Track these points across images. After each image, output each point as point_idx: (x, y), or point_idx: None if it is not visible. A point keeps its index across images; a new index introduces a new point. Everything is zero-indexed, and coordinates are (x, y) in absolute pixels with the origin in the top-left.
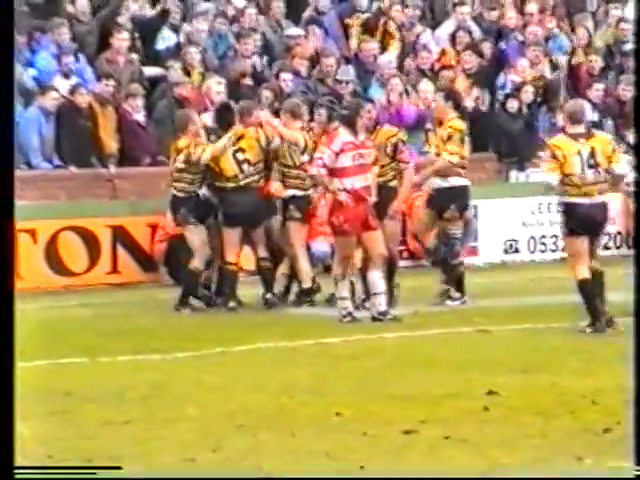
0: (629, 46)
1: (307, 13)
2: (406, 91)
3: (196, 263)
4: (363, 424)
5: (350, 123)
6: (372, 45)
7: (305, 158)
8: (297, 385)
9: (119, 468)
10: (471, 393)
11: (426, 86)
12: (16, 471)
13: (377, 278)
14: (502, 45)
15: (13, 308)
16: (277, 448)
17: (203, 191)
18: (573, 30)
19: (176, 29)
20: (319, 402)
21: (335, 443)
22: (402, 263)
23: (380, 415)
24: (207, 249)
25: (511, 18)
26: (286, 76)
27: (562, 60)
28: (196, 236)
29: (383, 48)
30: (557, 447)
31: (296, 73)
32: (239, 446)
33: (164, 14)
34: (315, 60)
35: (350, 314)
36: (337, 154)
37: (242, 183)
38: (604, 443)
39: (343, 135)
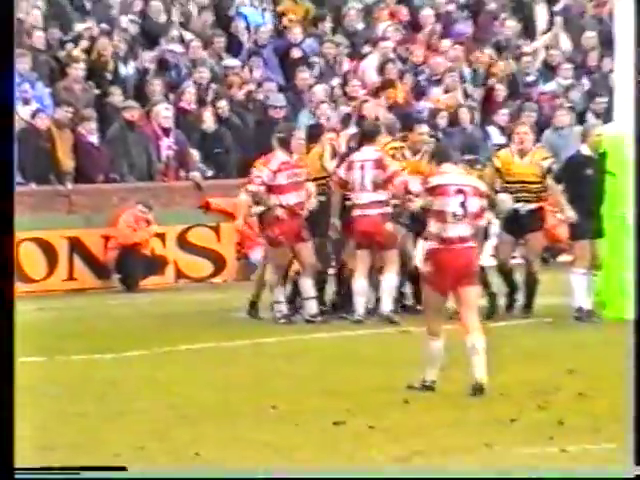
0: (531, 77)
1: (248, 46)
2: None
3: None
4: (297, 416)
5: (285, 144)
6: (305, 75)
7: None
8: (237, 381)
9: (123, 469)
10: (393, 387)
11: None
12: (16, 472)
13: (308, 285)
14: (419, 77)
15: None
16: (219, 438)
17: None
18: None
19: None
20: (257, 396)
21: (271, 433)
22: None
23: (312, 408)
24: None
25: (419, 55)
26: (221, 104)
27: (472, 89)
28: None
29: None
30: (469, 435)
31: (231, 99)
32: (184, 436)
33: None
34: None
35: (285, 316)
36: (274, 173)
37: None
38: (511, 432)
39: (279, 156)
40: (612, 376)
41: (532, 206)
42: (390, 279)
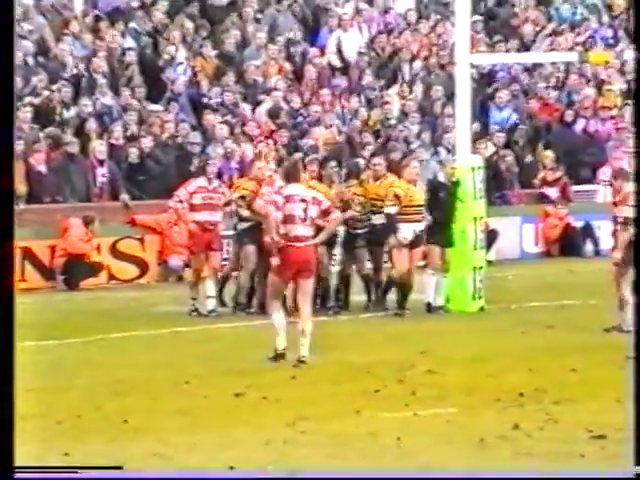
0: (392, 121)
1: (167, 94)
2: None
3: None
4: (205, 389)
5: (203, 172)
6: (211, 117)
7: None
8: (158, 362)
9: (119, 468)
10: (283, 366)
11: (248, 147)
12: (16, 471)
13: (210, 285)
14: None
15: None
16: (143, 408)
17: None
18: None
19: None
20: (174, 374)
21: (185, 403)
22: None
23: (218, 383)
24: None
25: (298, 102)
26: (146, 141)
27: (345, 129)
28: None
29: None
30: (343, 404)
31: (155, 137)
32: (115, 407)
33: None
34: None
35: (196, 310)
36: (191, 194)
37: None
38: (376, 400)
39: (199, 180)
40: (455, 356)
41: (422, 225)
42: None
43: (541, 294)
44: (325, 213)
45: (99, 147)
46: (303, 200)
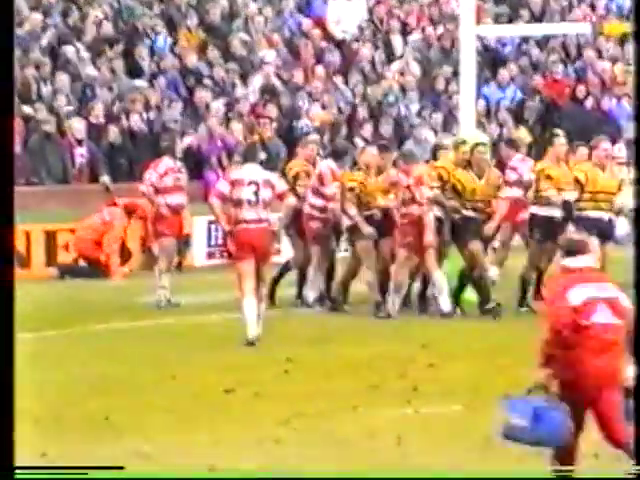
0: (391, 98)
1: (152, 69)
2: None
3: None
4: (193, 385)
5: (170, 151)
6: (203, 94)
7: None
8: (142, 356)
9: (121, 468)
10: (275, 360)
11: (237, 127)
12: (16, 471)
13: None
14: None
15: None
16: (126, 405)
17: None
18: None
19: (45, 79)
20: (159, 369)
21: (172, 400)
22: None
23: (206, 378)
24: None
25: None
26: (134, 117)
27: (345, 107)
28: None
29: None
30: (342, 400)
31: (140, 114)
32: (95, 404)
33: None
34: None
35: (168, 301)
36: (161, 176)
37: None
38: (375, 396)
39: (166, 161)
40: (460, 348)
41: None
42: None
43: None
44: (279, 197)
45: (77, 125)
46: (253, 183)
